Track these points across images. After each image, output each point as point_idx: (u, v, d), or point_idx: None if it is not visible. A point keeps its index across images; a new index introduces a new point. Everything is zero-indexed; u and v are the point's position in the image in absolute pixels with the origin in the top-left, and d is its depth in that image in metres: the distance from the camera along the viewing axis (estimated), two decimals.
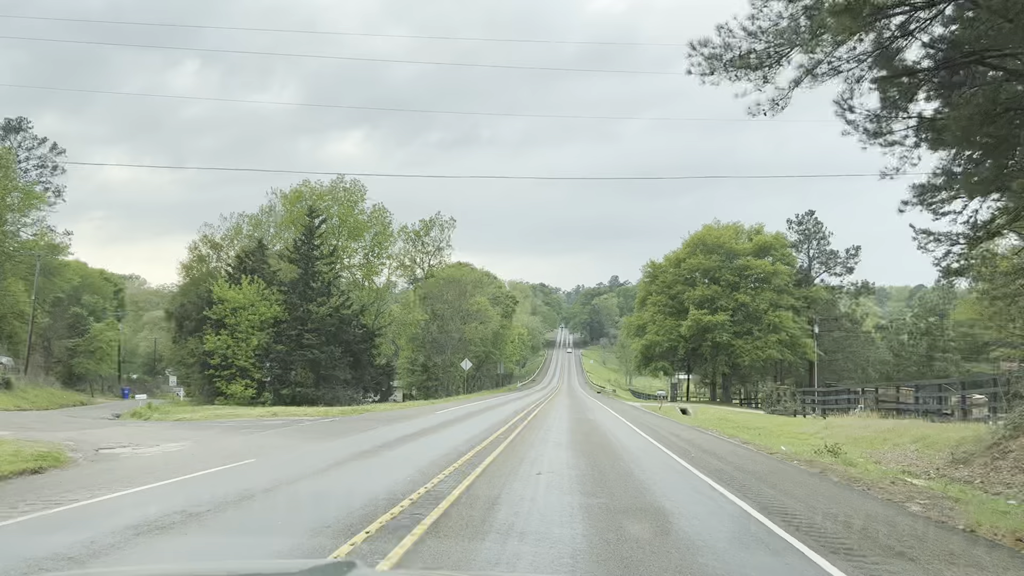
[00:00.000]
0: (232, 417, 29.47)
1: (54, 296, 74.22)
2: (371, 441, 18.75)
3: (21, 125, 77.19)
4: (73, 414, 37.61)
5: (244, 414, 30.29)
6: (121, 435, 20.69)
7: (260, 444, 18.00)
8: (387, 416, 30.32)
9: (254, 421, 27.26)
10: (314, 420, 26.70)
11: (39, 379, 53.46)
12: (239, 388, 48.74)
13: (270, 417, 29.18)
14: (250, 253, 55.38)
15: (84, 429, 22.62)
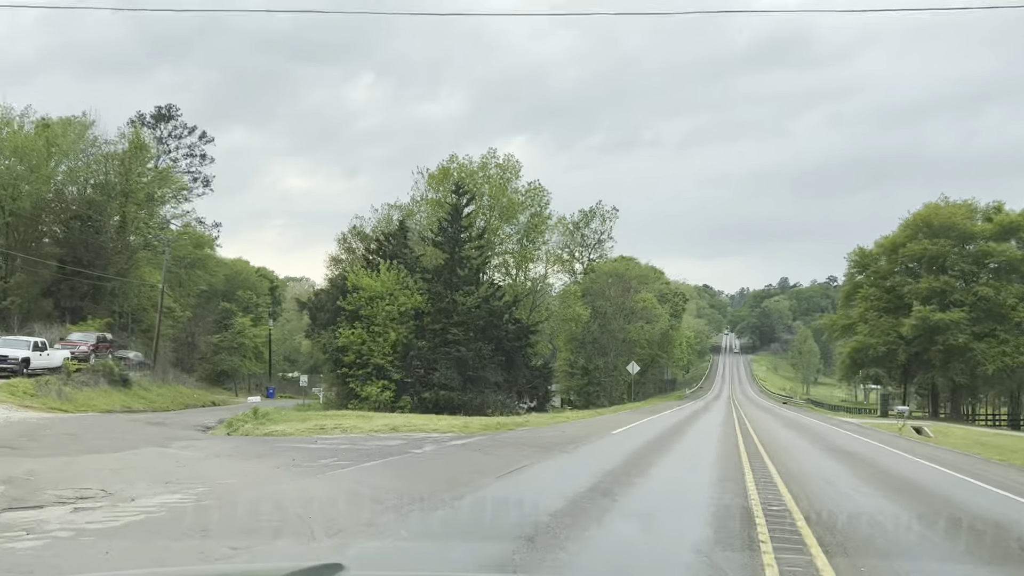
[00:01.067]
0: (339, 431, 21.60)
1: (199, 289, 71.06)
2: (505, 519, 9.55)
3: (171, 113, 74.85)
4: (178, 419, 31.29)
5: (356, 427, 22.34)
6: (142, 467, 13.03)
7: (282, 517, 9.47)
8: (548, 437, 21.41)
9: (361, 440, 19.17)
10: (441, 444, 18.22)
11: (168, 375, 48.83)
12: (375, 390, 41.59)
13: (386, 433, 21.08)
14: (390, 236, 48.42)
15: (125, 450, 15.31)
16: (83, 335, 43.59)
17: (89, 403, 33.96)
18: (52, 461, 13.00)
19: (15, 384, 31.86)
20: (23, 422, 22.03)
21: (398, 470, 12.68)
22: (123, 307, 54.44)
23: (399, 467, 13.10)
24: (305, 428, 22.50)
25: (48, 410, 29.02)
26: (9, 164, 51.31)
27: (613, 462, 15.03)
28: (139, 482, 11.18)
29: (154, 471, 12.43)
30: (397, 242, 47.17)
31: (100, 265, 50.28)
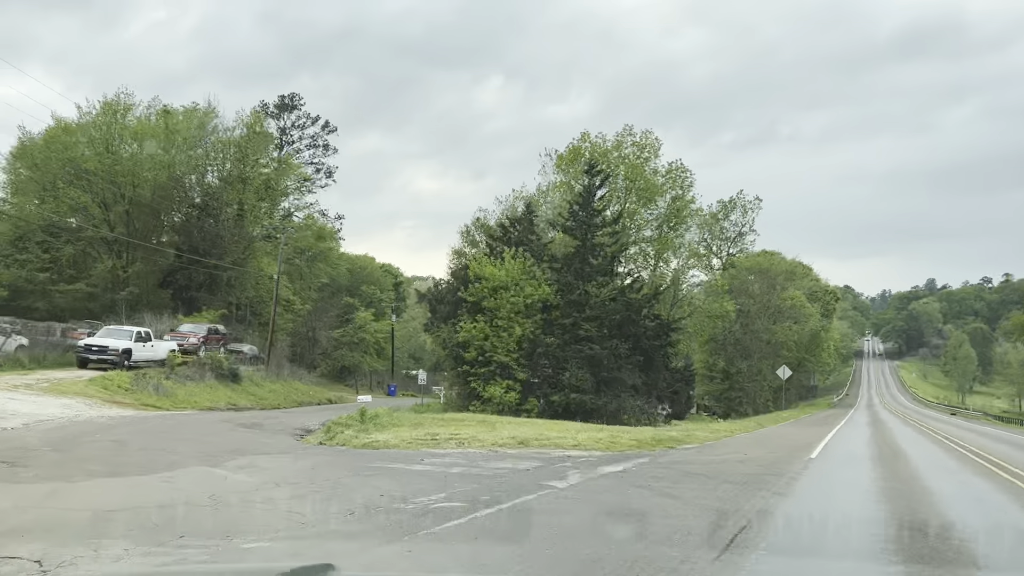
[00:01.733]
0: (454, 444, 16.96)
1: (320, 282, 68.97)
2: None
3: (294, 103, 73.36)
4: (279, 420, 27.70)
5: (476, 438, 17.64)
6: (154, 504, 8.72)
7: None
8: (730, 463, 15.86)
9: (480, 460, 14.40)
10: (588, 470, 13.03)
11: (283, 371, 46.09)
12: (498, 391, 37.10)
13: (513, 449, 16.27)
14: (515, 222, 43.85)
15: (160, 471, 11.26)
16: (194, 326, 41.27)
17: (189, 399, 31.01)
18: (30, 490, 8.91)
19: (111, 377, 29.18)
20: (87, 422, 18.61)
21: (534, 537, 7.68)
22: (239, 298, 52.43)
23: (535, 528, 8.08)
24: (414, 439, 17.99)
25: (138, 407, 25.95)
26: (132, 151, 50.11)
27: (881, 514, 9.62)
28: (120, 541, 6.79)
29: (163, 515, 8.08)
30: (523, 228, 42.53)
31: (216, 254, 48.24)
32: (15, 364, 29.96)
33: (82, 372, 30.46)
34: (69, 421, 18.50)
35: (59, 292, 47.18)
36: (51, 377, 27.93)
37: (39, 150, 48.66)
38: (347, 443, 17.90)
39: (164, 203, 49.16)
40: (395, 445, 17.04)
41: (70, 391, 25.49)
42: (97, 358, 31.94)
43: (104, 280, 49.06)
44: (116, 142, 49.48)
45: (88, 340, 32.70)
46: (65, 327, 36.19)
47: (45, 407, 20.69)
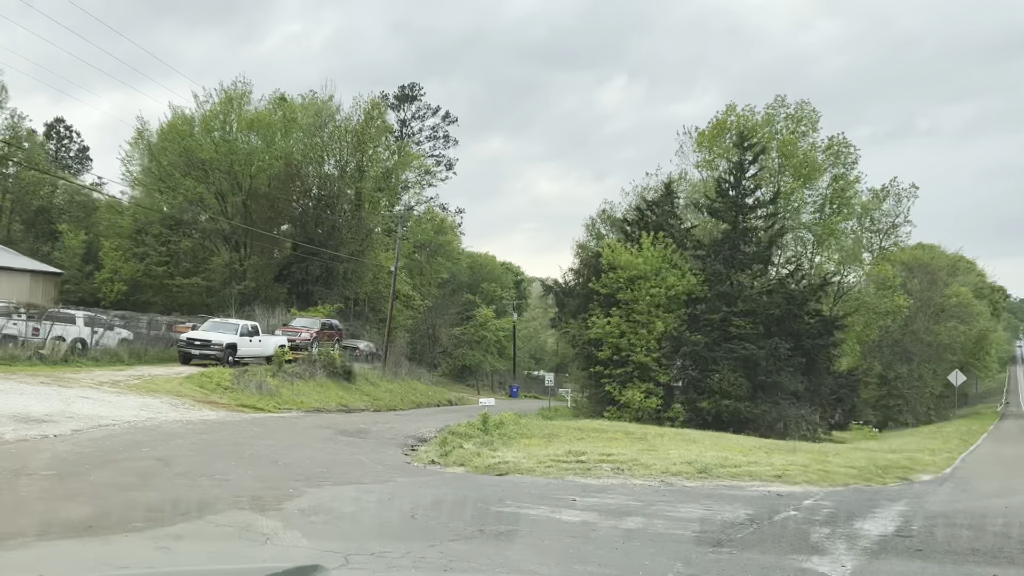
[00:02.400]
0: (609, 468, 12.53)
1: (440, 278, 65.98)
2: None
3: (414, 93, 70.86)
4: (390, 427, 24.05)
5: (637, 462, 13.13)
6: None
7: None
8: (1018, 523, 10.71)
9: (655, 497, 9.96)
10: (837, 527, 8.25)
11: (401, 369, 42.91)
12: (637, 395, 32.43)
13: (692, 480, 11.67)
14: (653, 204, 38.96)
15: (170, 522, 7.39)
16: (307, 321, 38.54)
17: (295, 399, 27.90)
18: None
19: (210, 374, 26.37)
20: (151, 428, 15.32)
21: None
22: (357, 293, 49.80)
23: None
24: (552, 459, 13.68)
25: (233, 408, 22.84)
26: (248, 141, 48.31)
27: None
28: None
29: None
30: (662, 211, 37.59)
31: (333, 246, 45.66)
32: (113, 359, 27.68)
33: (182, 368, 27.88)
34: (131, 427, 15.24)
35: (176, 286, 45.81)
36: (146, 373, 25.34)
37: (157, 141, 47.53)
38: (466, 462, 13.75)
39: (281, 194, 47.03)
40: (529, 469, 12.75)
41: (160, 389, 22.66)
42: (200, 353, 29.37)
43: (221, 274, 47.47)
44: (233, 131, 47.78)
45: (190, 334, 30.22)
46: (171, 321, 34.06)
47: (118, 408, 17.63)
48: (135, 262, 46.15)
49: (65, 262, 49.53)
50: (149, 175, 48.02)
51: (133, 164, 48.18)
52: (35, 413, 15.20)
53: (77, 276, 48.67)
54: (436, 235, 62.57)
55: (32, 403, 16.38)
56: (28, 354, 24.50)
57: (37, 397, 17.41)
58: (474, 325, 62.83)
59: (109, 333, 29.29)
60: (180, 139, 46.51)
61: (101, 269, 47.48)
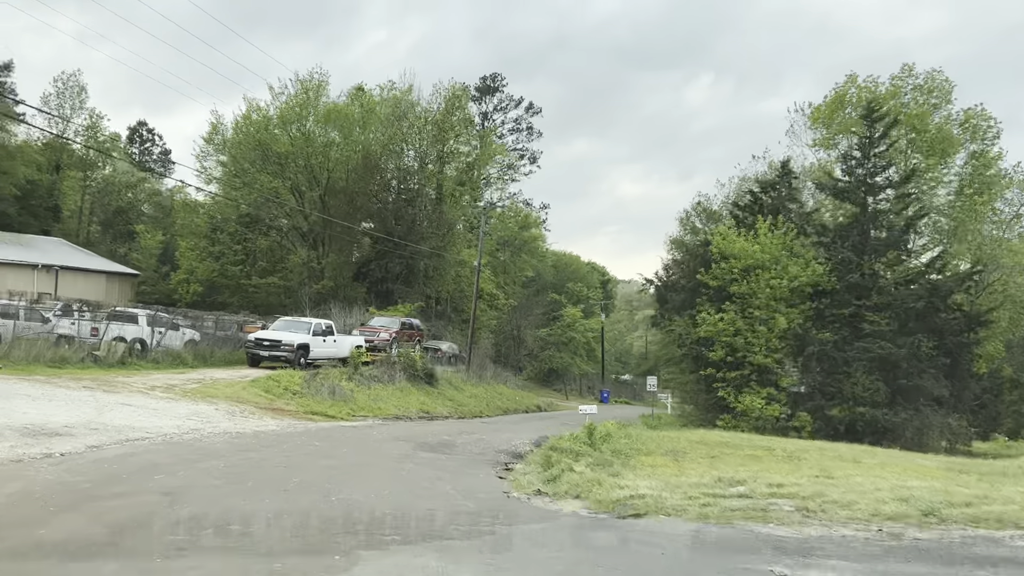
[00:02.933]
0: (793, 508, 8.91)
1: (525, 277, 62.80)
2: None
3: (496, 84, 67.87)
4: (478, 438, 20.83)
5: (823, 496, 9.42)
6: None
7: None
8: None
9: (889, 555, 6.22)
10: None
11: (486, 372, 39.76)
12: (756, 401, 28.36)
13: (918, 525, 7.96)
14: (768, 186, 34.74)
15: None
16: (386, 320, 35.81)
17: (372, 405, 24.97)
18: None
19: (278, 378, 23.64)
20: (186, 444, 12.41)
21: None
22: (438, 291, 46.95)
23: None
24: (700, 490, 10.11)
25: (300, 416, 19.97)
26: (325, 133, 46.10)
27: None
28: None
29: None
30: (780, 193, 33.34)
31: (413, 242, 42.92)
32: (175, 361, 25.30)
33: (249, 371, 25.30)
34: (165, 441, 12.37)
35: (252, 286, 43.88)
36: (208, 377, 22.78)
37: (232, 135, 45.79)
38: (583, 493, 10.29)
39: (359, 188, 44.59)
40: (677, 507, 9.19)
41: (220, 394, 19.96)
42: (269, 355, 26.77)
43: (299, 273, 45.38)
44: (309, 124, 45.63)
45: (259, 334, 27.68)
46: (241, 320, 31.68)
47: (160, 417, 14.85)
48: (211, 262, 44.47)
49: (142, 263, 48.36)
50: (224, 171, 46.33)
51: (208, 160, 46.58)
52: (54, 424, 12.47)
53: (153, 277, 47.41)
54: (520, 231, 59.47)
55: (58, 412, 13.71)
56: (81, 356, 22.23)
57: (69, 404, 14.78)
58: (561, 326, 59.31)
59: (173, 334, 26.99)
60: (255, 132, 44.62)
61: (177, 269, 46.04)
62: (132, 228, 50.71)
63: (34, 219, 50.14)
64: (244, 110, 45.81)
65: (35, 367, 19.97)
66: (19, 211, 48.47)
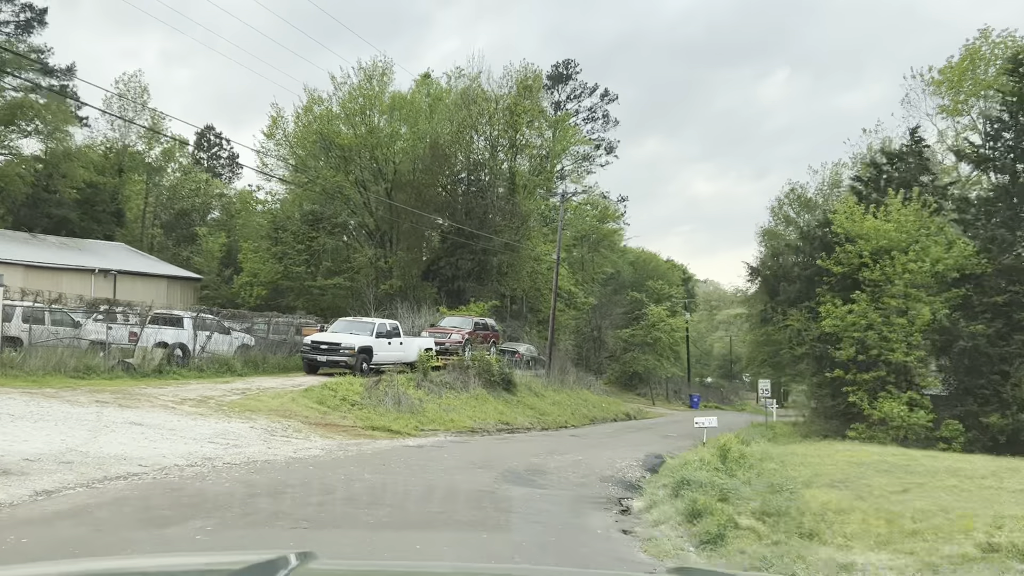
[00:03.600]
0: None
1: (604, 273, 58.74)
2: None
3: (569, 71, 64.02)
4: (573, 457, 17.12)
5: None
6: None
7: None
8: None
9: None
10: None
11: (568, 377, 35.93)
12: (896, 408, 23.75)
13: None
14: (895, 156, 29.96)
15: None
16: (458, 320, 32.40)
17: (443, 416, 21.48)
18: None
19: (335, 386, 20.35)
20: (188, 483, 9.08)
21: None
22: (513, 289, 43.33)
23: None
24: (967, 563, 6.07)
25: (359, 432, 16.57)
26: (391, 125, 43.10)
27: None
28: None
29: None
30: (912, 164, 28.59)
31: (485, 236, 39.46)
32: (222, 368, 22.28)
33: (304, 379, 22.10)
34: (155, 481, 9.08)
35: (317, 288, 41.05)
36: (255, 386, 19.63)
37: (293, 129, 43.20)
38: (771, 567, 6.41)
39: (427, 180, 41.42)
40: None
41: (262, 408, 16.70)
42: (327, 360, 23.56)
43: (366, 274, 42.46)
44: (373, 114, 42.66)
45: (315, 336, 24.49)
46: (300, 323, 28.55)
47: (173, 441, 11.59)
48: (274, 263, 41.85)
49: (205, 267, 46.20)
50: (285, 167, 43.78)
51: (269, 157, 44.06)
52: (13, 456, 9.28)
53: (216, 281, 45.11)
54: (598, 224, 55.43)
55: (35, 436, 10.55)
56: (111, 364, 19.33)
57: (58, 426, 11.64)
58: (645, 326, 54.93)
59: (222, 338, 24.01)
60: (316, 125, 41.89)
61: (241, 272, 43.63)
62: (195, 231, 48.69)
63: (97, 224, 48.65)
64: (305, 102, 43.07)
65: (52, 378, 17.10)
66: (81, 216, 46.99)
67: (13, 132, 42.47)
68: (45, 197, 44.26)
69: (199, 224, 50.60)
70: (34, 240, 39.93)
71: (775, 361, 59.88)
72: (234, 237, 48.22)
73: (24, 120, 42.47)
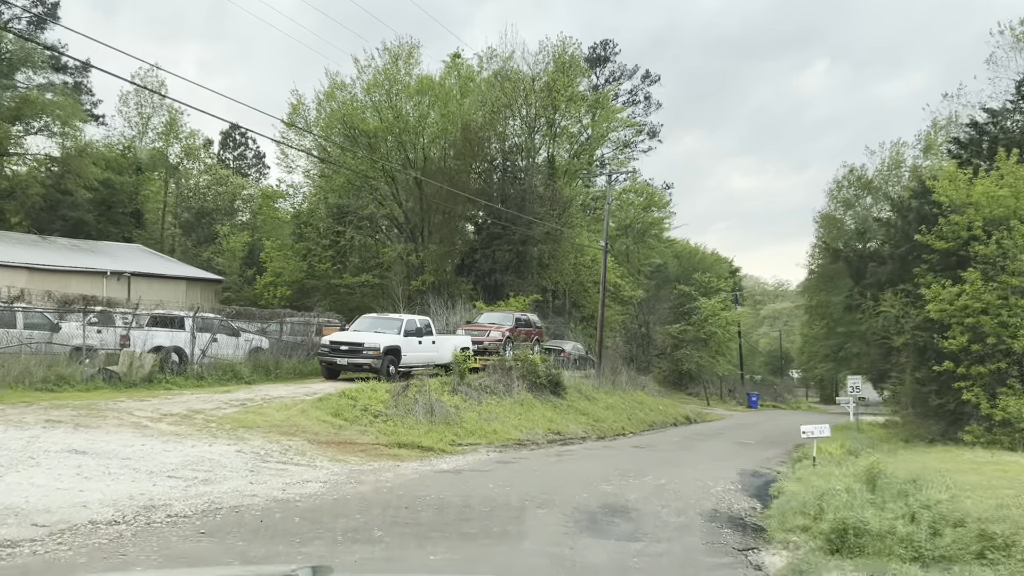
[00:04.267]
0: None
1: (652, 265, 55.00)
2: None
3: (607, 53, 60.22)
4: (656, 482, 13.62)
5: None
6: None
7: None
8: None
9: None
10: None
11: (620, 378, 32.34)
12: (1019, 405, 19.78)
13: None
14: (998, 113, 25.87)
15: None
16: (497, 316, 29.02)
17: (484, 427, 18.14)
18: None
19: (356, 393, 17.09)
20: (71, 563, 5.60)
21: None
22: (556, 283, 39.79)
23: None
24: None
25: (382, 451, 13.28)
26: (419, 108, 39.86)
27: None
28: None
29: None
30: (1019, 121, 24.56)
31: (524, 224, 36.06)
32: (227, 375, 19.13)
33: (322, 385, 18.88)
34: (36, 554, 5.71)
35: (344, 286, 37.96)
36: (260, 396, 16.44)
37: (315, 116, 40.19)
38: None
39: (459, 166, 38.13)
40: None
41: (262, 424, 13.47)
42: (348, 362, 20.32)
43: (398, 271, 39.30)
44: (400, 97, 39.49)
45: (334, 336, 21.26)
46: (321, 322, 25.27)
47: (115, 479, 8.40)
48: (297, 261, 38.87)
49: (226, 267, 43.44)
50: (308, 158, 40.81)
51: (291, 148, 41.03)
52: None
53: (238, 282, 42.31)
54: (643, 212, 51.69)
55: None
56: (91, 372, 16.27)
57: None
58: (696, 320, 51.02)
59: (229, 340, 20.90)
60: (340, 111, 38.83)
61: (264, 272, 40.75)
62: (215, 230, 45.94)
63: (114, 226, 46.09)
64: (327, 87, 39.99)
65: (11, 392, 14.04)
66: (98, 218, 44.43)
67: (19, 131, 40.06)
68: (60, 199, 41.77)
69: (221, 223, 47.89)
70: (42, 242, 37.39)
71: (840, 356, 55.72)
72: (257, 236, 45.43)
73: (31, 117, 40.07)
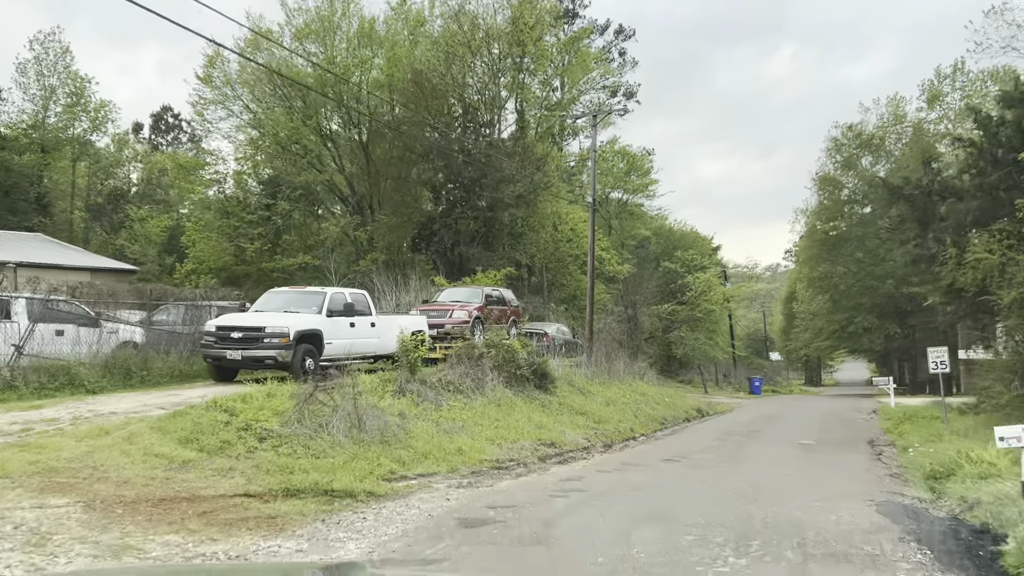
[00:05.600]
0: None
1: (636, 238, 49.16)
2: None
3: (575, 8, 54.02)
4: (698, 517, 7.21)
5: None
6: None
7: None
8: None
9: None
10: None
11: (615, 365, 26.26)
12: None
13: None
14: None
15: None
16: (463, 292, 22.81)
17: (443, 444, 11.99)
18: None
19: (241, 402, 10.80)
20: None
21: None
22: (532, 256, 33.64)
23: None
24: None
25: (239, 512, 7.07)
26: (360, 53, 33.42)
27: None
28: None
29: None
30: None
31: (491, 186, 29.90)
32: (56, 381, 12.73)
33: (194, 392, 12.56)
34: None
35: (278, 269, 31.55)
36: (84, 411, 10.17)
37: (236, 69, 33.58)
38: None
39: (411, 118, 31.83)
40: None
41: (23, 469, 7.12)
42: (243, 356, 13.99)
43: (345, 251, 32.98)
44: (338, 43, 33.10)
45: (222, 320, 14.85)
46: (221, 306, 18.73)
47: None
48: (223, 242, 32.38)
49: (141, 254, 36.76)
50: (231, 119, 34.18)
51: (208, 108, 34.34)
52: None
53: (156, 271, 35.69)
54: (626, 177, 45.79)
55: None
56: None
57: None
58: (690, 297, 45.23)
59: (86, 333, 14.46)
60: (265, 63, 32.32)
61: (185, 259, 34.18)
62: (127, 214, 39.14)
63: (12, 215, 39.20)
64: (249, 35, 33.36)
65: None
66: None
67: None
68: None
69: (138, 206, 41.09)
70: None
71: (849, 331, 50.43)
72: (178, 220, 38.80)
73: None
